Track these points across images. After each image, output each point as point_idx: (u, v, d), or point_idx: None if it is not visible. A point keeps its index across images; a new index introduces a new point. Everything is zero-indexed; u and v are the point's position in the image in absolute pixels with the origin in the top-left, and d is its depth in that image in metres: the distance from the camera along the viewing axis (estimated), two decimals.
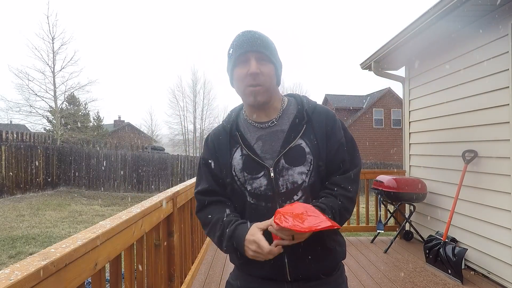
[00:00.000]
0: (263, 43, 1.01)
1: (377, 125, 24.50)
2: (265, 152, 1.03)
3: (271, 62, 1.02)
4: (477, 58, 3.16)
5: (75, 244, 0.92)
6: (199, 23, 76.62)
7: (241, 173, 1.03)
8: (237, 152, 1.05)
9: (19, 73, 16.10)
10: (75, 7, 62.65)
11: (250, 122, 1.09)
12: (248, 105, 1.08)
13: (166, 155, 13.98)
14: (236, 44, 1.02)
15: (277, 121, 1.07)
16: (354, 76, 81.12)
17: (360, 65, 4.85)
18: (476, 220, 3.17)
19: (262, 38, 1.02)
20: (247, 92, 1.02)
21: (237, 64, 1.03)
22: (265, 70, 1.00)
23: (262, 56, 1.01)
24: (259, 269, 1.02)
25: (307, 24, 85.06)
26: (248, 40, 1.00)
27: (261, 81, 1.00)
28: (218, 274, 3.12)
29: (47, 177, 11.68)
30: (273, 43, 1.06)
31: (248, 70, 1.00)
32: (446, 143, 3.68)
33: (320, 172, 1.01)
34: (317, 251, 1.00)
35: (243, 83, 1.02)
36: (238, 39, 1.03)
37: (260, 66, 1.00)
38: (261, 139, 1.05)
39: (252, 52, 1.00)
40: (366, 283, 2.93)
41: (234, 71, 1.04)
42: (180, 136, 35.60)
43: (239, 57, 1.01)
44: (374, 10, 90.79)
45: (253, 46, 1.00)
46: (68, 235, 5.95)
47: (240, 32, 1.04)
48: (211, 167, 1.09)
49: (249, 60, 1.00)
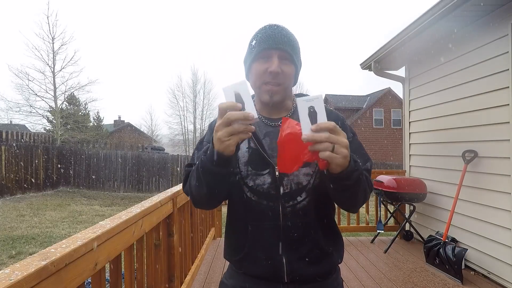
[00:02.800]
0: (289, 41, 0.97)
1: (377, 125, 24.50)
2: (272, 149, 0.99)
3: (293, 63, 0.98)
4: (477, 58, 3.16)
5: (75, 244, 0.92)
6: (199, 23, 76.69)
7: (245, 166, 0.99)
8: (244, 143, 1.00)
9: (19, 73, 16.13)
10: (75, 7, 62.70)
11: (260, 117, 1.06)
12: (262, 101, 1.04)
13: (166, 155, 13.99)
14: (261, 37, 0.97)
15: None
16: (354, 76, 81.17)
17: (360, 65, 4.85)
18: (476, 220, 3.17)
19: (289, 36, 0.98)
20: (263, 89, 0.98)
21: (257, 58, 0.97)
22: (286, 70, 0.96)
23: (285, 55, 0.96)
24: (255, 268, 0.99)
25: (307, 24, 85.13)
26: (274, 36, 0.96)
27: (280, 80, 0.96)
28: (218, 274, 3.12)
29: (47, 177, 11.68)
30: (297, 42, 1.02)
31: (268, 67, 0.95)
32: (446, 143, 3.68)
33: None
34: (315, 253, 0.99)
35: (260, 79, 0.97)
36: (264, 32, 0.97)
37: (282, 65, 0.95)
38: (269, 136, 1.02)
39: (276, 50, 0.95)
40: (366, 283, 2.93)
41: (253, 65, 0.99)
42: (180, 136, 35.60)
43: (262, 52, 0.96)
44: (375, 10, 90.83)
45: (278, 44, 0.95)
46: (68, 235, 5.95)
47: (267, 25, 0.99)
48: None
49: (271, 57, 0.95)
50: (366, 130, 24.12)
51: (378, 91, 26.16)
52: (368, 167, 1.01)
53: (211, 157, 0.82)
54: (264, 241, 0.98)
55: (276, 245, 0.97)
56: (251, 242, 1.00)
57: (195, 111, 34.85)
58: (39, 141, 11.87)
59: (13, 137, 10.72)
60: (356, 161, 0.85)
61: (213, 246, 3.94)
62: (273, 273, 0.98)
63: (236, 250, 1.04)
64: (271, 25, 0.99)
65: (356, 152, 0.99)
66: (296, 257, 0.97)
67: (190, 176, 0.97)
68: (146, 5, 78.70)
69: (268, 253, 0.98)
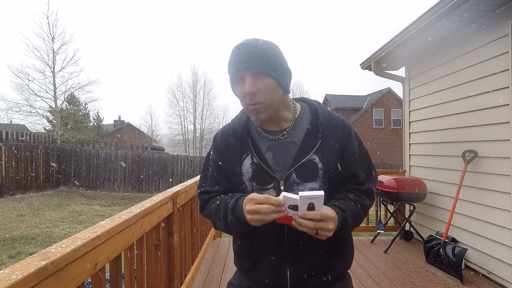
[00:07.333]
0: (257, 55, 0.91)
1: (377, 125, 24.52)
2: (275, 163, 0.99)
3: (269, 75, 0.93)
4: (477, 58, 3.16)
5: (75, 244, 0.92)
6: (199, 23, 76.69)
7: (249, 182, 1.00)
8: (247, 159, 1.01)
9: (19, 73, 16.11)
10: (75, 7, 62.66)
11: (260, 131, 1.04)
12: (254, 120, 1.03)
13: (166, 155, 13.97)
14: (230, 62, 0.95)
15: (288, 133, 1.02)
16: (354, 76, 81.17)
17: (360, 65, 4.85)
18: (476, 220, 3.17)
19: (256, 50, 0.91)
20: (249, 110, 0.97)
21: (235, 82, 0.97)
22: (262, 86, 0.93)
23: (257, 71, 0.92)
24: (262, 277, 1.01)
25: (307, 24, 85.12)
26: (239, 57, 0.92)
27: (259, 99, 0.93)
28: (218, 274, 3.11)
29: (47, 177, 11.68)
30: (273, 50, 0.95)
31: (244, 89, 0.93)
32: (446, 143, 3.68)
33: (331, 189, 1.00)
34: (320, 266, 0.99)
35: (244, 102, 0.97)
36: (232, 55, 0.95)
37: (257, 82, 0.92)
38: (272, 150, 1.01)
39: (246, 69, 0.92)
40: (366, 283, 2.93)
41: (235, 89, 0.99)
42: (180, 136, 35.58)
43: (234, 76, 0.95)
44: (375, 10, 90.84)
45: (245, 63, 0.91)
46: (68, 235, 5.95)
47: (235, 46, 0.96)
48: (222, 168, 1.05)
49: (244, 77, 0.93)
50: (366, 130, 24.13)
51: (378, 91, 26.19)
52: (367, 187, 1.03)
53: (241, 221, 0.90)
54: (269, 254, 0.99)
55: (281, 258, 0.99)
56: (256, 254, 1.01)
57: (195, 111, 34.87)
58: (39, 141, 11.86)
59: (13, 137, 10.72)
60: (345, 221, 0.91)
61: (213, 246, 3.94)
62: (278, 284, 1.00)
63: (243, 259, 1.06)
64: (238, 45, 0.95)
65: (357, 169, 1.02)
66: (301, 271, 0.98)
67: (214, 216, 1.00)
68: (146, 5, 78.74)
69: (273, 266, 0.99)
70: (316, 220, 0.83)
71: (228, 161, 1.03)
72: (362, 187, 1.01)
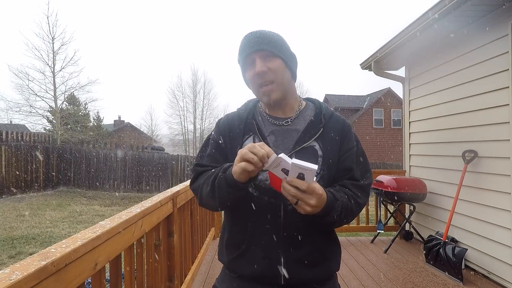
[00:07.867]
0: (265, 39, 0.99)
1: (377, 125, 24.51)
2: (277, 146, 1.01)
3: (278, 56, 0.99)
4: (477, 58, 3.16)
5: (75, 244, 0.92)
6: (199, 23, 76.69)
7: None
8: (249, 140, 1.03)
9: (19, 73, 16.14)
10: (75, 7, 62.66)
11: (266, 116, 1.08)
12: (265, 104, 1.07)
13: (166, 155, 13.98)
14: (240, 48, 1.02)
15: (293, 121, 1.05)
16: (354, 76, 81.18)
17: (360, 65, 4.85)
18: (476, 220, 3.17)
19: (264, 35, 1.00)
20: (260, 93, 1.02)
21: (246, 68, 1.03)
22: (272, 65, 0.98)
23: (266, 53, 0.98)
24: (252, 267, 0.98)
25: (307, 24, 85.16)
26: (250, 42, 1.00)
27: (270, 78, 0.98)
28: (218, 274, 3.11)
29: (47, 177, 11.68)
30: (279, 36, 1.03)
31: (255, 71, 0.99)
32: (446, 143, 3.68)
33: (328, 178, 1.00)
34: (314, 255, 0.98)
35: (255, 85, 1.01)
36: (241, 43, 1.02)
37: (267, 63, 0.98)
38: (274, 134, 1.04)
39: (256, 52, 0.98)
40: (366, 283, 2.93)
41: (245, 75, 1.04)
42: (180, 136, 35.57)
43: (245, 61, 1.01)
44: (375, 10, 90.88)
45: (254, 46, 0.98)
46: (68, 235, 5.95)
47: (244, 36, 1.03)
48: (221, 146, 1.06)
49: (254, 61, 0.99)
50: (366, 130, 24.12)
51: (378, 91, 26.18)
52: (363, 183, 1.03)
53: (228, 180, 0.88)
54: (263, 239, 0.97)
55: (275, 243, 0.96)
56: (250, 238, 0.99)
57: (195, 111, 34.85)
58: (39, 141, 11.87)
59: (13, 137, 10.72)
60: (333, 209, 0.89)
61: (213, 246, 3.94)
62: (269, 274, 0.96)
63: (234, 247, 1.03)
64: (247, 34, 1.03)
65: (353, 164, 1.03)
66: (295, 258, 0.96)
67: (203, 183, 1.00)
68: (146, 5, 78.74)
69: (267, 251, 0.97)
70: (301, 191, 0.81)
71: (230, 140, 1.05)
72: (358, 183, 1.01)
